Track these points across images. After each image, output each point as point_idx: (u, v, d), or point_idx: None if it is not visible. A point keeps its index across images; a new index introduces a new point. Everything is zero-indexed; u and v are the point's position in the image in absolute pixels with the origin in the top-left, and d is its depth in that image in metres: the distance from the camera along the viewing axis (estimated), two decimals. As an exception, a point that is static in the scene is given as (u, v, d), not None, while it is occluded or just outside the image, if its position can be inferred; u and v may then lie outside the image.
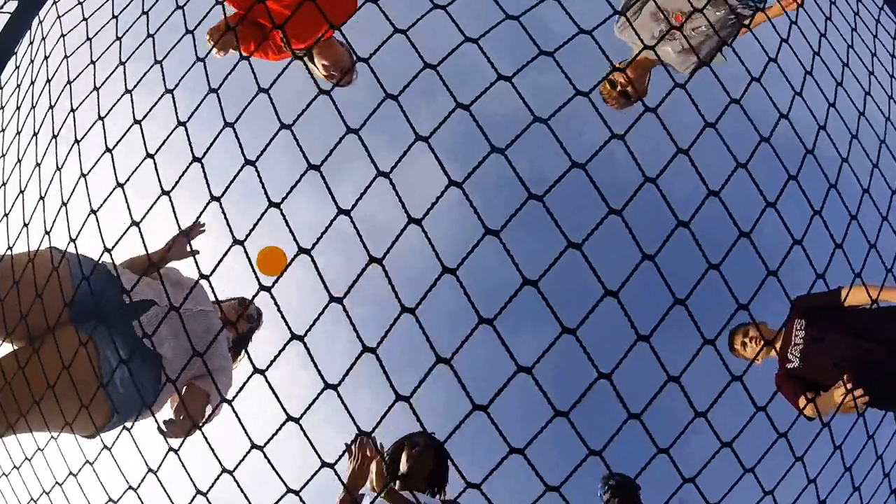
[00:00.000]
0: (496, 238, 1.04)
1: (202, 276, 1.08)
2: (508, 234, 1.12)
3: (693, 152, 1.40)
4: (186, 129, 1.29)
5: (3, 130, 2.26)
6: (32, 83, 2.21)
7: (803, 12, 2.00)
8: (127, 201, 1.25)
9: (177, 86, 1.50)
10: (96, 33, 2.07)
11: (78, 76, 1.96)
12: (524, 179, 1.16)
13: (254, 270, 1.04)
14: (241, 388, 1.09)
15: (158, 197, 1.21)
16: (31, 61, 2.27)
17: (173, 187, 1.20)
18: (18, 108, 2.22)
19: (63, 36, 2.17)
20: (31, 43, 2.31)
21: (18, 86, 2.27)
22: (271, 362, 1.05)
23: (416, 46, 1.22)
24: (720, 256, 1.32)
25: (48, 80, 2.11)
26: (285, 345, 1.03)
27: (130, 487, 1.45)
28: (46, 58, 2.20)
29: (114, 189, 1.30)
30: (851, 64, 2.14)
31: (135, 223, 1.22)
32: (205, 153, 1.18)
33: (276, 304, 1.05)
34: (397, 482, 2.83)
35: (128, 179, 1.29)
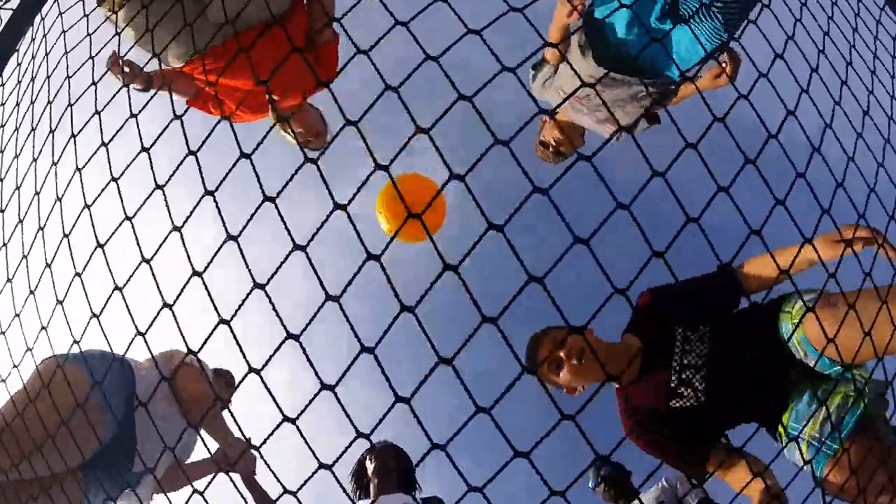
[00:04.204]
0: (500, 234, 1.00)
1: (195, 273, 1.04)
2: (515, 231, 1.07)
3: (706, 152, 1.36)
4: (182, 124, 1.26)
5: (3, 126, 2.25)
6: (33, 80, 2.20)
7: (806, 12, 1.97)
8: (120, 195, 1.23)
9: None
10: (96, 29, 2.07)
11: (77, 72, 1.95)
12: (531, 176, 1.12)
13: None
14: (235, 388, 1.06)
15: (153, 191, 1.18)
16: (33, 58, 2.27)
17: (167, 181, 1.18)
18: (18, 104, 2.22)
19: (64, 32, 2.16)
20: (33, 40, 2.31)
21: (19, 82, 2.27)
22: (266, 362, 1.02)
23: (417, 38, 1.18)
24: (732, 251, 1.29)
25: (48, 77, 2.10)
26: (280, 344, 0.99)
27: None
28: (47, 55, 2.19)
29: (108, 183, 1.27)
30: (853, 64, 2.12)
31: (128, 218, 1.19)
32: (199, 147, 1.15)
33: (271, 303, 1.02)
34: (371, 492, 2.81)
35: (123, 172, 1.27)
